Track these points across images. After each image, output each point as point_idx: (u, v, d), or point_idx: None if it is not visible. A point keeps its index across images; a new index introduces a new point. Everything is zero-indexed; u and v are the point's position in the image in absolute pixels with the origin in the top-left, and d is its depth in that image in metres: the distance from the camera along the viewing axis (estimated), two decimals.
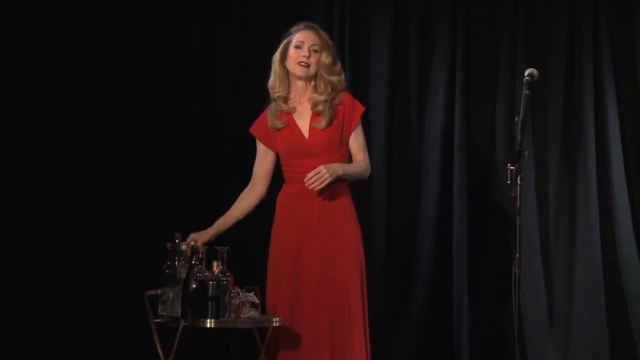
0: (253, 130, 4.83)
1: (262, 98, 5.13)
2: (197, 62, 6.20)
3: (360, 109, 4.75)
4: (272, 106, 4.76)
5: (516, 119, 4.71)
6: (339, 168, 4.59)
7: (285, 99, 4.73)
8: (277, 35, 4.85)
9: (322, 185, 4.52)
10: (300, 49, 4.68)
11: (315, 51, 4.68)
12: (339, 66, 4.75)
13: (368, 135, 6.09)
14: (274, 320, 4.42)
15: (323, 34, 4.75)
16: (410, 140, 6.17)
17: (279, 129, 4.72)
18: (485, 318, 6.02)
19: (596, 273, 5.92)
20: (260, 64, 6.14)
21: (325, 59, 4.69)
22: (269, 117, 4.75)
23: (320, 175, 4.51)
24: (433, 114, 6.14)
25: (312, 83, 4.70)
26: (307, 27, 4.74)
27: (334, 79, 4.70)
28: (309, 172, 4.58)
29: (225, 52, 6.23)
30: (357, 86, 6.12)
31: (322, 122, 4.65)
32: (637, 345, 5.83)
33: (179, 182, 6.13)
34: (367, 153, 4.77)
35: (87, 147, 5.98)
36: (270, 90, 4.77)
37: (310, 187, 4.52)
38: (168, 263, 4.41)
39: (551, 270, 6.02)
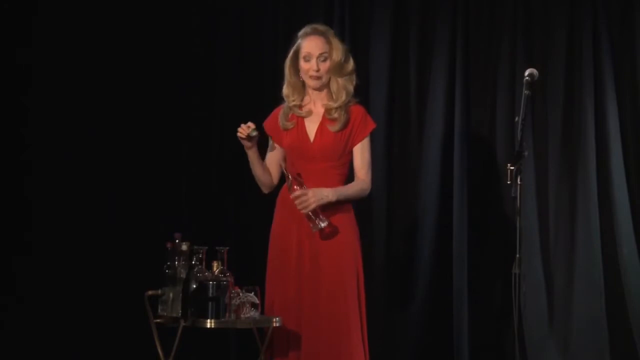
0: (265, 123, 4.82)
1: (262, 98, 5.14)
2: (197, 62, 6.20)
3: (371, 125, 4.72)
4: (286, 106, 4.75)
5: (516, 119, 4.71)
6: (330, 193, 4.56)
7: (301, 106, 4.72)
8: (277, 35, 4.85)
9: (306, 210, 4.51)
10: (309, 62, 4.64)
11: (325, 60, 4.64)
12: (351, 65, 4.69)
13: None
14: (274, 320, 4.42)
15: (331, 34, 4.69)
16: (410, 140, 6.17)
17: (287, 129, 4.73)
18: (485, 318, 6.02)
19: (596, 273, 5.92)
20: (260, 64, 6.16)
21: (336, 62, 4.64)
22: (280, 116, 4.75)
23: (305, 199, 4.51)
24: (433, 114, 6.14)
25: (327, 88, 4.70)
26: (313, 33, 4.67)
27: (347, 81, 4.66)
28: (308, 174, 4.62)
29: (225, 52, 6.23)
30: (357, 86, 6.12)
31: (337, 126, 4.65)
32: (637, 345, 5.83)
33: (179, 182, 6.13)
34: (370, 171, 4.72)
35: (87, 147, 5.98)
36: (285, 98, 4.75)
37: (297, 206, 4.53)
38: (168, 263, 4.41)
39: (551, 270, 6.02)
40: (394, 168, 6.17)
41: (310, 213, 4.52)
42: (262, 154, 4.79)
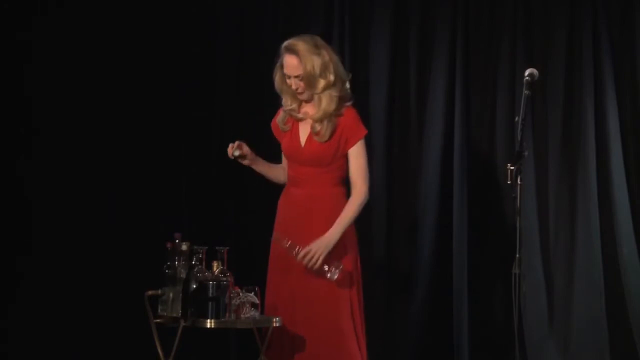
0: (272, 123, 4.82)
1: (262, 98, 5.14)
2: (197, 62, 6.20)
3: (362, 131, 4.65)
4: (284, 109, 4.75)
5: (516, 119, 4.70)
6: (333, 235, 4.52)
7: (298, 109, 4.70)
8: (277, 35, 4.84)
9: (318, 264, 4.48)
10: (290, 79, 4.61)
11: (301, 79, 4.57)
12: (331, 77, 4.57)
13: (368, 135, 6.10)
14: (274, 320, 4.42)
15: (305, 49, 4.56)
16: (410, 140, 6.17)
17: (284, 131, 4.73)
18: (485, 318, 6.02)
19: (596, 273, 5.93)
20: (260, 64, 6.16)
21: (310, 79, 4.55)
22: (280, 117, 4.74)
23: (311, 256, 4.48)
24: (433, 113, 6.14)
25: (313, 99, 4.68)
26: (287, 51, 4.59)
27: (328, 93, 4.57)
28: (302, 177, 4.64)
29: (225, 52, 6.23)
30: (357, 86, 6.12)
31: (322, 138, 4.61)
32: (637, 345, 5.83)
33: (179, 183, 6.13)
34: (367, 177, 4.65)
35: (87, 147, 5.98)
36: (283, 105, 4.74)
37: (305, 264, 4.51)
38: (168, 263, 4.41)
39: (551, 270, 6.02)
40: (394, 168, 6.17)
41: (321, 266, 4.51)
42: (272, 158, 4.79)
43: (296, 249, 4.51)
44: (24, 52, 5.97)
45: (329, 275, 4.50)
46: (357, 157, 4.65)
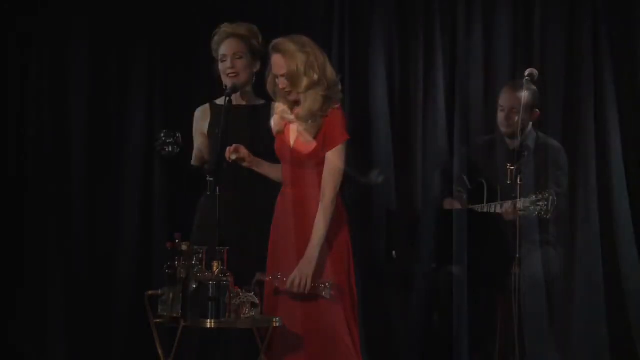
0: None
1: (262, 98, 5.13)
2: (197, 63, 6.19)
3: (342, 137, 4.59)
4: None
5: (516, 119, 4.70)
6: (311, 254, 4.49)
7: (291, 109, 4.69)
8: (277, 35, 4.83)
9: (308, 286, 4.47)
10: (278, 78, 4.59)
11: (287, 77, 4.56)
12: (315, 76, 4.54)
13: (368, 135, 6.11)
14: (274, 320, 4.42)
15: (289, 47, 4.55)
16: (410, 140, 6.17)
17: (279, 133, 4.72)
18: (485, 318, 6.01)
19: (596, 273, 5.92)
20: (261, 64, 6.14)
21: (293, 77, 4.54)
22: (272, 121, 4.74)
23: (298, 282, 4.48)
24: (433, 114, 6.13)
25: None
26: (272, 50, 4.59)
27: (313, 93, 4.55)
28: (294, 178, 4.63)
29: None
30: (357, 86, 6.12)
31: (307, 137, 4.59)
32: (637, 345, 5.83)
33: (178, 183, 6.13)
34: (336, 185, 4.56)
35: (87, 147, 5.99)
36: (276, 107, 4.73)
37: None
38: (168, 263, 4.41)
39: (551, 271, 6.02)
40: (394, 168, 6.16)
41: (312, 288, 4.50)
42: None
43: (278, 276, 4.51)
44: (25, 51, 5.97)
45: (323, 293, 4.49)
46: (330, 163, 4.57)
